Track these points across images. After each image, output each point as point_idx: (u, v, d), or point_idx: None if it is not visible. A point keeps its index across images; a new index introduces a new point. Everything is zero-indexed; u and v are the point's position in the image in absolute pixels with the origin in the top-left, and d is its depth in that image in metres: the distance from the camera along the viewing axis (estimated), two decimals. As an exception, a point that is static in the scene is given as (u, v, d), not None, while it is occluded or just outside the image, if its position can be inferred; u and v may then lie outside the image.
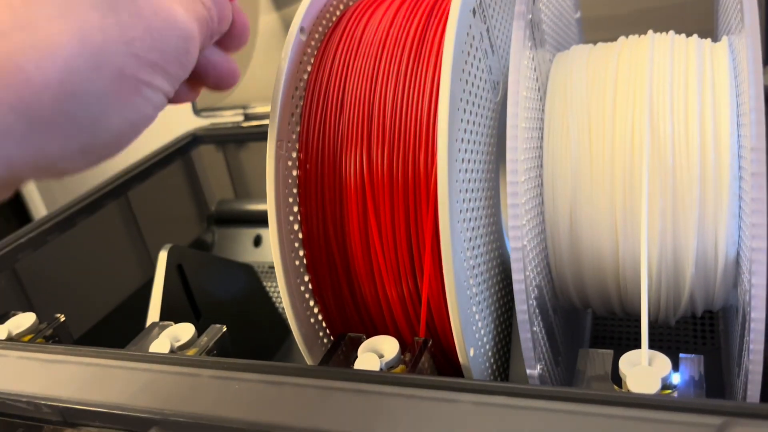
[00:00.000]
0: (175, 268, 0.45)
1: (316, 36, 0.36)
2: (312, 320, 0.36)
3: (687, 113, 0.31)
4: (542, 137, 0.34)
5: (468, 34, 0.30)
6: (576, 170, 0.33)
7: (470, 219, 0.32)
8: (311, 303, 0.36)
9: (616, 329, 0.49)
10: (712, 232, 0.31)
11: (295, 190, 0.34)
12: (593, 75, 0.34)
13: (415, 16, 0.34)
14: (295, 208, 0.34)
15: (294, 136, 0.34)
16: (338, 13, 0.38)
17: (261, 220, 0.66)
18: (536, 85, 0.33)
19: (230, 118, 0.67)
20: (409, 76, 0.32)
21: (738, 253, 0.31)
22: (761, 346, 0.26)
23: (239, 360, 0.30)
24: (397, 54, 0.33)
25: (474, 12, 0.30)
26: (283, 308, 0.58)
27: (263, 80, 0.70)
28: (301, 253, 0.35)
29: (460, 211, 0.30)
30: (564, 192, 0.33)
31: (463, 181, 0.30)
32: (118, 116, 0.22)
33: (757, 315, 0.26)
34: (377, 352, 0.32)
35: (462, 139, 0.30)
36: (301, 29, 0.35)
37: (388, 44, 0.34)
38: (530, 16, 0.31)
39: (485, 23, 0.33)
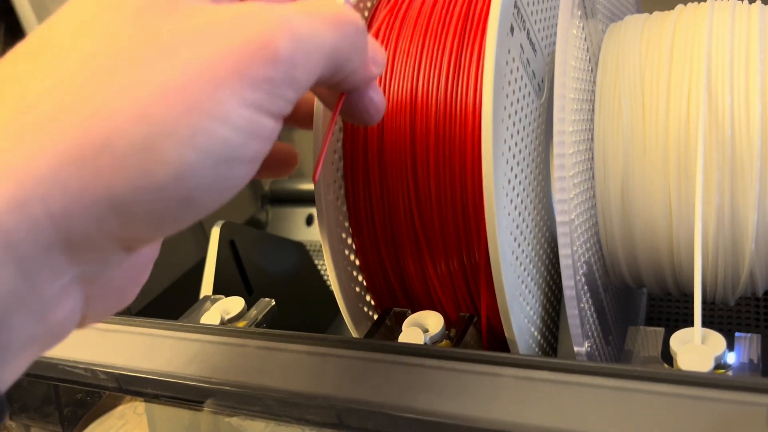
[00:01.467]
0: (227, 244, 0.46)
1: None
2: (358, 296, 0.36)
3: (748, 82, 0.30)
4: (593, 110, 0.33)
5: (506, 58, 0.29)
6: (628, 144, 0.32)
7: (517, 195, 0.31)
8: (359, 278, 0.36)
9: (672, 310, 0.48)
10: (774, 207, 0.30)
11: (340, 166, 0.34)
12: (647, 45, 0.33)
13: (449, 28, 0.33)
14: (341, 187, 0.35)
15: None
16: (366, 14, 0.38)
17: (313, 199, 0.66)
18: (586, 56, 0.32)
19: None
20: (450, 91, 0.31)
21: (801, 229, 0.30)
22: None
23: (285, 332, 0.31)
24: (435, 69, 0.32)
25: (512, 29, 0.29)
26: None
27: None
28: (348, 228, 0.35)
29: (506, 185, 0.30)
30: (615, 166, 0.32)
31: (509, 162, 0.30)
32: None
33: (818, 292, 0.25)
34: (422, 326, 0.32)
35: (508, 138, 0.30)
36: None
37: (425, 58, 0.33)
38: (580, -16, 0.30)
39: (524, 29, 0.32)
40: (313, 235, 0.64)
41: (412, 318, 0.33)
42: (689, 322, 0.27)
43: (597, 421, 0.22)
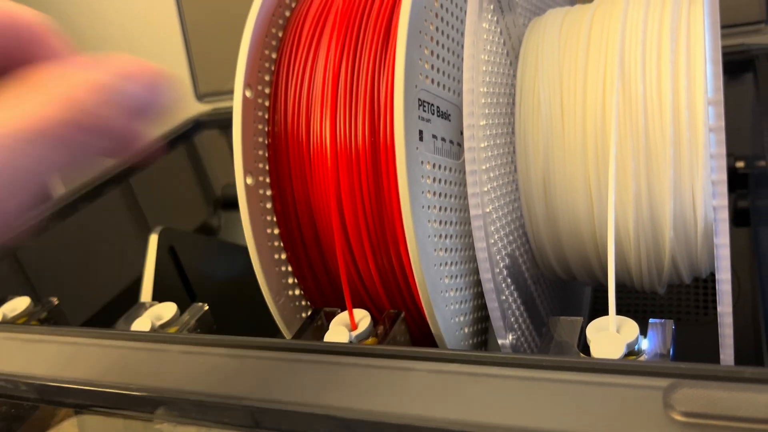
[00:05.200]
0: (167, 251, 0.45)
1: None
2: (291, 296, 0.36)
3: (660, 72, 0.30)
4: (513, 103, 0.33)
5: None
6: (548, 136, 0.32)
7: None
8: (290, 280, 0.36)
9: (620, 301, 0.48)
10: (689, 193, 0.30)
11: (264, 166, 0.34)
12: (566, 38, 0.33)
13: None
14: (268, 185, 0.34)
15: (265, 103, 0.34)
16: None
17: (265, 203, 0.66)
18: (503, 50, 0.32)
19: (232, 102, 0.67)
20: (379, 48, 0.32)
21: (717, 215, 0.30)
22: (729, 309, 0.26)
23: (207, 336, 0.30)
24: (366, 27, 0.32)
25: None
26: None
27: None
28: (276, 231, 0.35)
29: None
30: (536, 158, 0.32)
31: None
32: None
33: (722, 276, 0.25)
34: (349, 325, 0.32)
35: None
36: None
37: (354, 18, 0.33)
38: (491, -23, 0.30)
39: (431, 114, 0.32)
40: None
41: (340, 317, 0.33)
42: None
43: (504, 411, 0.22)
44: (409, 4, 0.29)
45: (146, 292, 0.43)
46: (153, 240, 0.44)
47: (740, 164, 0.46)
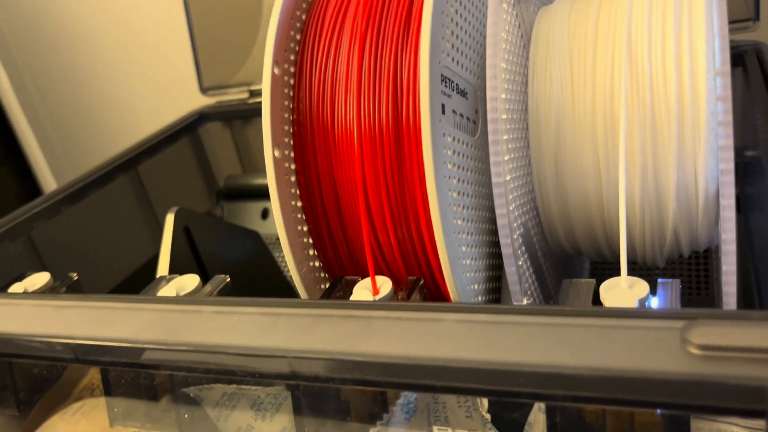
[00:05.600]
0: (182, 230, 0.46)
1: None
2: (312, 267, 0.37)
3: (664, 52, 0.32)
4: (526, 83, 0.35)
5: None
6: (559, 112, 0.34)
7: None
8: (311, 252, 0.38)
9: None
10: (692, 166, 0.32)
11: (289, 141, 0.36)
12: (575, 22, 0.35)
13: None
14: (292, 159, 0.36)
15: (291, 81, 0.36)
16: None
17: (267, 194, 0.67)
18: (519, 33, 0.34)
19: (236, 95, 0.69)
20: (402, 30, 0.34)
21: (717, 187, 0.32)
22: (734, 267, 0.28)
23: (238, 297, 0.32)
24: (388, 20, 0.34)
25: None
26: (290, 275, 0.60)
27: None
28: (299, 204, 0.37)
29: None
30: (548, 135, 0.34)
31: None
32: None
33: (727, 236, 0.27)
34: (371, 290, 0.34)
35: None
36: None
37: (375, 4, 0.35)
38: (509, -37, 0.32)
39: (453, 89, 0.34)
40: (268, 228, 0.65)
41: (362, 283, 0.34)
42: None
43: (530, 351, 0.24)
44: (433, -13, 0.31)
45: (162, 267, 0.45)
46: (170, 219, 0.46)
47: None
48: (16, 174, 1.06)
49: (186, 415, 0.35)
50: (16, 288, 0.42)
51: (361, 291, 0.33)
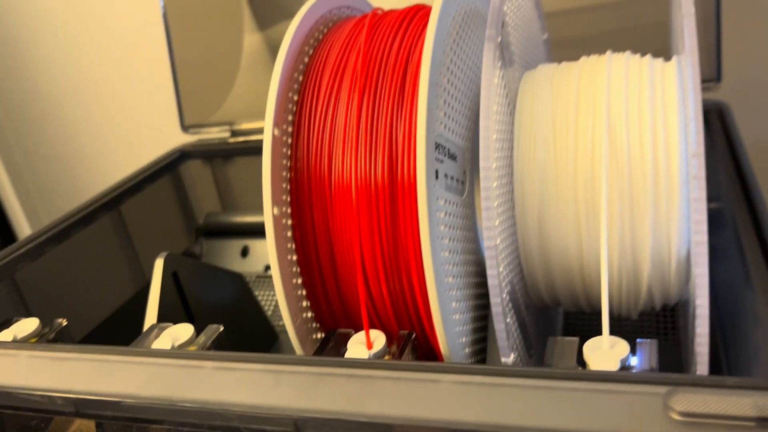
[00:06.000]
0: (170, 275, 0.47)
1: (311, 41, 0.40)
2: (305, 318, 0.39)
3: (640, 126, 0.35)
4: (512, 147, 0.37)
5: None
6: (543, 177, 0.36)
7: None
8: (304, 304, 0.39)
9: (585, 324, 0.53)
10: (665, 232, 0.35)
11: (287, 198, 0.37)
12: (557, 91, 0.38)
13: (392, 48, 0.37)
14: (289, 216, 0.37)
15: (288, 140, 0.37)
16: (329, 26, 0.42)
17: (247, 231, 0.68)
18: (506, 100, 0.37)
19: (217, 134, 0.70)
20: (396, 97, 0.36)
21: (688, 251, 0.35)
22: (707, 330, 0.30)
23: (238, 353, 0.33)
24: (383, 77, 0.36)
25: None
26: (270, 315, 0.61)
27: (248, 98, 0.73)
28: (295, 258, 0.38)
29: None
30: (532, 197, 0.37)
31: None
32: None
33: (701, 301, 0.29)
34: (365, 345, 0.35)
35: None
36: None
37: (372, 70, 0.37)
38: (500, 39, 0.35)
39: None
40: (249, 266, 0.66)
41: (356, 337, 0.36)
42: (599, 333, 0.32)
43: (524, 415, 0.26)
44: (429, 60, 0.33)
45: (151, 313, 0.45)
46: (158, 264, 0.46)
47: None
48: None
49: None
50: (6, 335, 0.42)
51: (356, 346, 0.35)
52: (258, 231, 0.68)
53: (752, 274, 0.37)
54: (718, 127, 0.51)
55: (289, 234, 0.37)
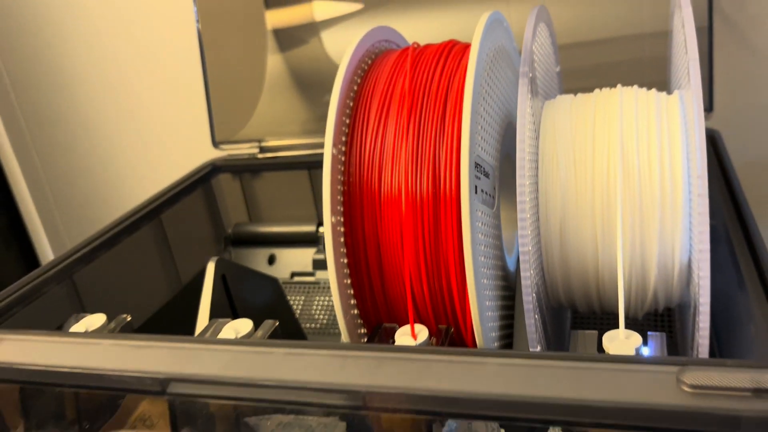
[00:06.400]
0: (220, 277, 0.52)
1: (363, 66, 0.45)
2: (353, 315, 0.44)
3: (649, 151, 0.41)
4: (537, 168, 0.43)
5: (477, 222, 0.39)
6: (564, 194, 0.42)
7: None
8: (352, 302, 0.44)
9: (590, 326, 0.58)
10: (670, 242, 0.40)
11: (340, 208, 0.43)
12: (576, 119, 0.43)
13: (434, 78, 0.43)
14: (342, 224, 0.43)
15: (342, 158, 0.43)
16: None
17: (274, 241, 0.73)
18: (534, 126, 0.42)
19: (246, 150, 0.75)
20: (439, 121, 0.41)
21: (689, 259, 0.41)
22: (708, 324, 0.36)
23: (302, 341, 0.38)
24: (427, 108, 0.42)
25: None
26: (298, 317, 0.65)
27: (274, 116, 0.78)
28: (346, 261, 0.43)
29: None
30: (555, 211, 0.42)
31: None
32: None
33: (704, 300, 0.35)
34: (410, 336, 0.40)
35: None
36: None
37: (416, 97, 0.43)
38: (531, 75, 0.40)
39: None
40: (275, 273, 0.71)
41: (402, 330, 0.41)
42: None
43: (559, 388, 0.31)
44: (471, 91, 0.39)
45: (204, 310, 0.50)
46: (210, 267, 0.51)
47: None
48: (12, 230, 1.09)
49: (245, 441, 0.41)
50: (78, 328, 0.47)
51: (403, 337, 0.40)
52: (283, 240, 0.73)
53: (746, 281, 0.42)
54: (711, 153, 0.57)
55: (342, 240, 0.43)
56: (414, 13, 0.76)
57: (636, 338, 0.36)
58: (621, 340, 0.36)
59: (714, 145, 0.57)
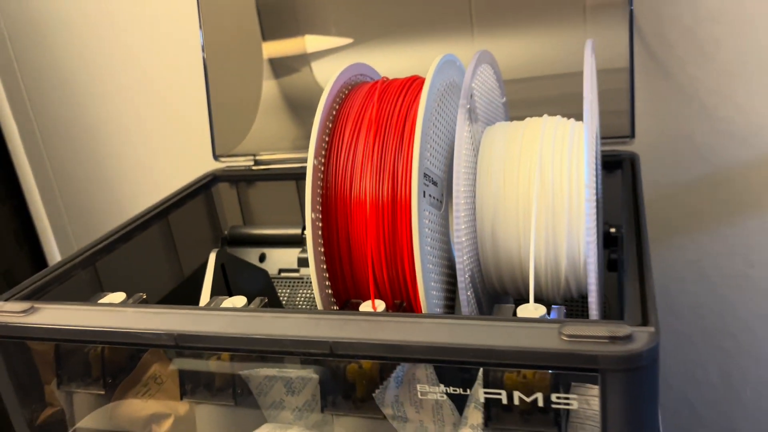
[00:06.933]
0: (220, 266, 0.63)
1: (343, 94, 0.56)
2: (327, 294, 0.55)
3: (561, 166, 0.52)
4: (476, 179, 0.54)
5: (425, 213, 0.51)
6: (495, 200, 0.53)
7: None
8: (327, 283, 0.55)
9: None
10: (576, 239, 0.52)
11: (319, 207, 0.54)
12: (507, 141, 0.55)
13: (396, 106, 0.54)
14: (320, 220, 0.54)
15: (321, 168, 0.54)
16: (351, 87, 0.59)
17: (264, 241, 0.84)
18: (472, 146, 0.54)
19: (242, 162, 0.86)
20: (398, 141, 0.52)
21: (591, 252, 0.52)
22: (595, 290, 0.47)
23: (288, 308, 0.49)
24: (388, 131, 0.53)
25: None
26: (284, 305, 0.76)
27: (268, 133, 0.89)
28: (323, 249, 0.54)
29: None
30: (488, 213, 0.53)
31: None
32: None
33: (591, 279, 0.46)
34: (371, 308, 0.51)
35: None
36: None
37: (381, 121, 0.54)
38: (468, 106, 0.52)
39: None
40: (265, 268, 0.82)
41: (365, 304, 0.52)
42: None
43: (476, 338, 0.42)
44: (421, 117, 0.50)
45: (206, 292, 0.61)
46: (212, 257, 0.62)
47: (613, 230, 0.69)
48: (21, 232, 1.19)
49: (239, 390, 0.52)
50: (104, 301, 0.58)
51: (366, 309, 0.51)
52: (273, 241, 0.84)
53: (629, 271, 0.53)
54: (629, 173, 0.68)
55: (320, 233, 0.54)
56: (393, 48, 0.88)
57: (542, 309, 0.47)
58: (530, 310, 0.47)
59: (632, 166, 0.69)
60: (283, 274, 0.82)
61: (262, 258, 0.83)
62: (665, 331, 0.94)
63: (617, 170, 0.71)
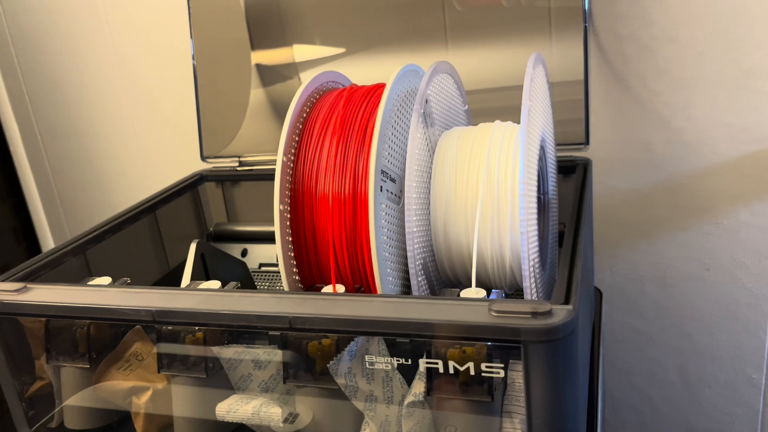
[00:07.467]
0: (200, 255, 0.68)
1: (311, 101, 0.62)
2: (294, 279, 0.60)
3: (506, 166, 0.58)
4: (430, 179, 0.60)
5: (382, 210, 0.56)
6: (447, 196, 0.59)
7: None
8: (294, 269, 0.60)
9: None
10: (518, 232, 0.57)
11: (288, 200, 0.59)
12: (460, 144, 0.61)
13: (359, 111, 0.60)
14: (288, 212, 0.59)
15: (290, 164, 0.60)
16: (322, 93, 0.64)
17: (246, 238, 0.90)
18: (427, 148, 0.59)
19: (228, 163, 0.92)
20: (359, 142, 0.58)
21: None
22: (528, 274, 0.52)
23: (254, 290, 0.54)
24: (351, 130, 0.59)
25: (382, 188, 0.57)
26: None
27: (252, 137, 0.95)
28: (290, 238, 0.60)
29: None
30: (440, 208, 0.59)
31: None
32: None
33: (525, 265, 0.52)
34: (332, 292, 0.57)
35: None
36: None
37: (345, 124, 0.60)
38: (422, 110, 0.57)
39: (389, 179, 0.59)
40: (246, 262, 0.87)
41: (327, 287, 0.57)
42: None
43: (417, 314, 0.47)
44: (380, 120, 0.56)
45: (186, 278, 0.66)
46: (193, 247, 0.68)
47: (563, 228, 0.75)
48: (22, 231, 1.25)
49: (210, 365, 0.57)
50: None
51: (327, 291, 0.56)
52: (254, 238, 0.89)
53: (562, 260, 0.59)
54: (581, 176, 0.74)
55: (288, 223, 0.59)
56: (373, 59, 0.94)
57: (482, 292, 0.53)
58: (471, 293, 0.52)
59: (585, 170, 0.75)
60: (263, 268, 0.88)
61: (244, 253, 0.89)
62: (626, 330, 0.99)
63: (572, 174, 0.77)
